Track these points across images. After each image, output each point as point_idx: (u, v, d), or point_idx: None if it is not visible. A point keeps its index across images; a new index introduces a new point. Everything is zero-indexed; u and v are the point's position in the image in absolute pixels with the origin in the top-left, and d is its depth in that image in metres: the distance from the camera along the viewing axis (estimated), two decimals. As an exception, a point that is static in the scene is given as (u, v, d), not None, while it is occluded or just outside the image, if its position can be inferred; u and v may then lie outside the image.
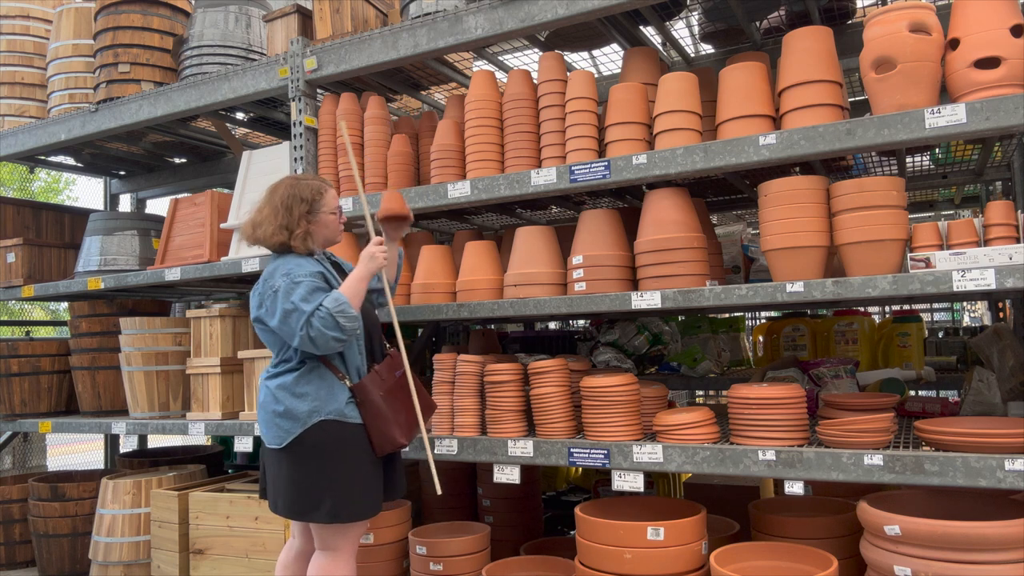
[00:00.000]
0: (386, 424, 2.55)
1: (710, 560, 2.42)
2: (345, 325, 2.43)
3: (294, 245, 2.59)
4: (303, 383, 2.53)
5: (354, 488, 2.50)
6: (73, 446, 7.90)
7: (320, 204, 2.65)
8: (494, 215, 4.32)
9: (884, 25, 2.36)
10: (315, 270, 2.55)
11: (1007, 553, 2.03)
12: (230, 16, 4.06)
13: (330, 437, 2.49)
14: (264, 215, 2.64)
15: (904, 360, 4.16)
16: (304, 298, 2.44)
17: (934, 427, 2.32)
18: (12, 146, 4.57)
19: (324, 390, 2.52)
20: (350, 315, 2.45)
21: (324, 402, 2.51)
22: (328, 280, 2.58)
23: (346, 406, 2.53)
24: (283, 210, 2.60)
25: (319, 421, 2.49)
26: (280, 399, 2.52)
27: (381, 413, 2.55)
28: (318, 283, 2.51)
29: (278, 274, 2.53)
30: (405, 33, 3.17)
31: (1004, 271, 2.18)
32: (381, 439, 2.55)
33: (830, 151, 2.41)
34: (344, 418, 2.52)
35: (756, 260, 3.78)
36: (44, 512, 4.16)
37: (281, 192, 2.64)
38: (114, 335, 4.39)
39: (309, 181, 2.68)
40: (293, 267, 2.53)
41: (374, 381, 2.58)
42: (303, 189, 2.64)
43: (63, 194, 15.00)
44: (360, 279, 2.55)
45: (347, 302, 2.45)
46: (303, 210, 2.61)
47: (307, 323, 2.41)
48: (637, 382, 2.81)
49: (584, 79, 2.91)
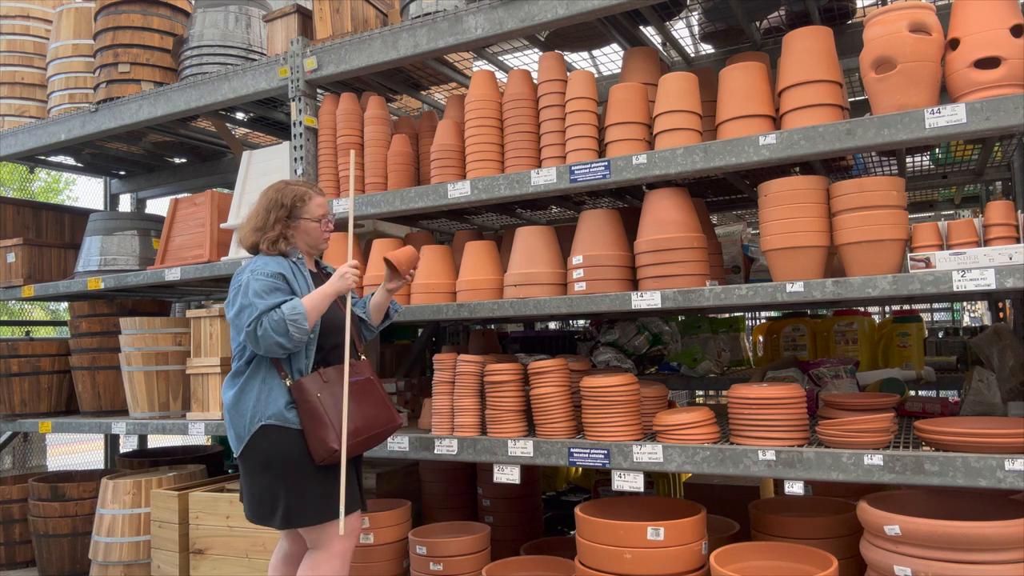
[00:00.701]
0: (320, 427, 2.45)
1: (710, 560, 2.42)
2: (294, 335, 2.40)
3: (261, 248, 2.60)
4: (247, 388, 2.52)
5: (305, 493, 2.46)
6: (73, 446, 7.90)
7: (301, 210, 2.64)
8: (494, 215, 4.32)
9: (884, 25, 2.36)
10: (277, 270, 2.52)
11: (1007, 553, 2.03)
12: (230, 16, 4.06)
13: (272, 443, 2.46)
14: (248, 216, 2.68)
15: (904, 360, 4.16)
16: (260, 295, 2.43)
17: (934, 427, 2.32)
18: (12, 146, 4.57)
19: (264, 393, 2.49)
20: (302, 327, 2.41)
21: (263, 405, 2.47)
22: (289, 282, 2.54)
23: (286, 409, 2.48)
24: (263, 212, 2.62)
25: (260, 427, 2.46)
26: (228, 413, 2.54)
27: (316, 415, 2.45)
28: (278, 283, 2.49)
29: (246, 271, 2.54)
30: (405, 33, 3.17)
31: (1004, 271, 2.18)
32: (315, 444, 2.45)
33: (830, 151, 2.41)
34: (284, 423, 2.47)
35: (756, 260, 3.78)
36: (44, 512, 4.16)
37: (268, 195, 2.66)
38: (114, 335, 4.39)
39: (295, 187, 2.67)
40: (259, 264, 2.54)
41: (313, 382, 2.50)
42: (286, 194, 2.63)
43: (63, 194, 15.00)
44: (326, 296, 2.52)
45: (304, 314, 2.42)
46: (280, 215, 2.61)
47: (257, 320, 2.39)
48: (637, 382, 2.81)
49: (584, 79, 2.91)
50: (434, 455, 3.02)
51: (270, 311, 2.40)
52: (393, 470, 4.07)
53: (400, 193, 3.21)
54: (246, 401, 2.50)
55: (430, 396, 3.21)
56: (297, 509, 2.45)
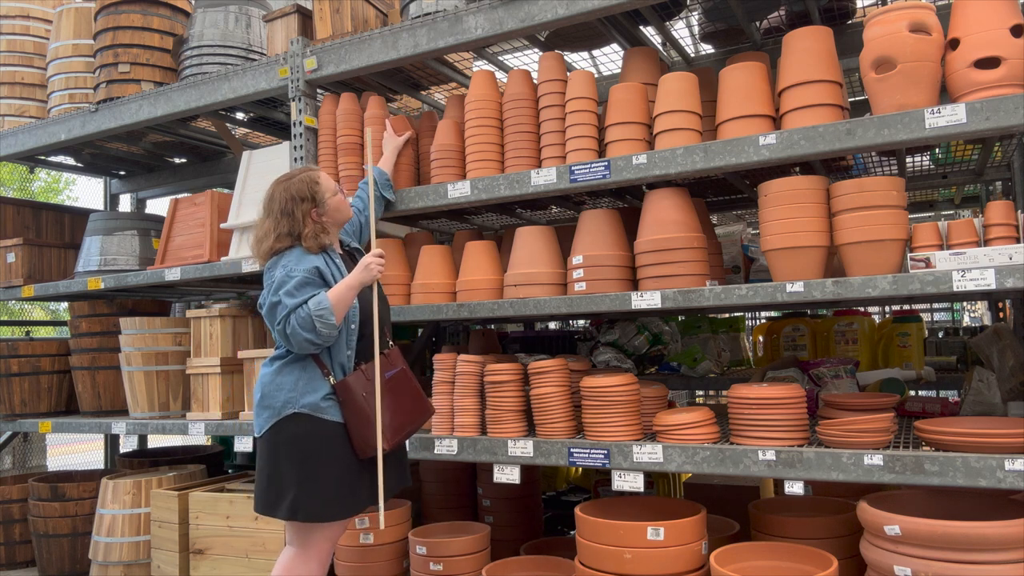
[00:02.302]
0: (366, 426, 2.47)
1: (710, 560, 2.42)
2: (321, 331, 2.39)
3: (306, 246, 2.53)
4: (285, 372, 2.49)
5: (319, 488, 2.43)
6: (73, 446, 7.90)
7: (322, 192, 2.58)
8: (494, 215, 4.32)
9: (884, 25, 2.36)
10: (312, 264, 2.48)
11: (1007, 553, 2.03)
12: (230, 16, 4.06)
13: (301, 431, 2.44)
14: (266, 229, 2.57)
15: (904, 360, 4.16)
16: (290, 292, 2.41)
17: (934, 427, 2.32)
18: (12, 146, 4.57)
19: (303, 382, 2.47)
20: (329, 322, 2.39)
21: (300, 394, 2.45)
22: (324, 276, 2.51)
23: (323, 401, 2.46)
24: (284, 218, 2.54)
25: (292, 413, 2.44)
26: (263, 387, 2.51)
27: (362, 414, 2.47)
28: (311, 278, 2.46)
29: (279, 265, 2.50)
30: (405, 33, 3.17)
31: (1004, 271, 2.18)
32: (361, 442, 2.48)
33: (830, 151, 2.41)
34: (319, 413, 2.46)
35: (756, 260, 3.78)
36: (44, 512, 4.16)
37: (277, 199, 2.57)
38: (114, 335, 4.39)
39: (299, 176, 2.60)
40: (293, 259, 2.49)
41: (358, 380, 2.50)
42: (298, 187, 2.56)
43: (63, 194, 15.00)
44: (350, 288, 2.48)
45: (329, 308, 2.39)
46: (307, 209, 2.54)
47: (286, 319, 2.39)
48: (637, 382, 2.81)
49: (584, 79, 2.91)
50: (434, 455, 3.02)
51: (298, 308, 2.39)
52: (393, 470, 4.07)
53: (400, 193, 3.21)
54: (282, 384, 2.47)
55: (430, 396, 3.22)
56: (304, 502, 2.41)
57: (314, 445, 2.44)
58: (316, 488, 2.42)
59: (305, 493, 2.42)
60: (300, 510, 2.41)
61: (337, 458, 2.47)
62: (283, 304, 2.40)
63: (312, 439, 2.44)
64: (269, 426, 2.47)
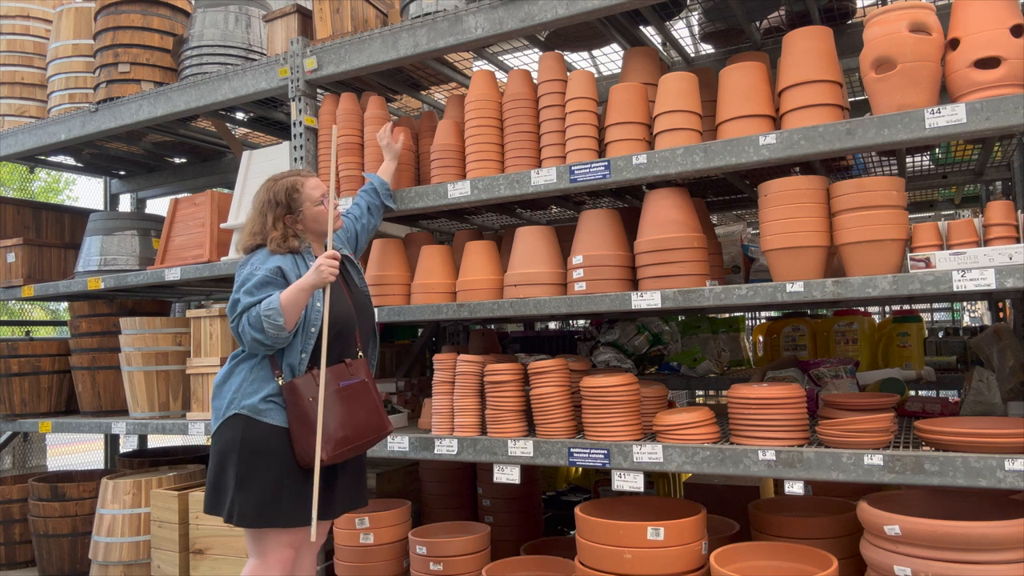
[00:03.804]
0: (308, 433, 2.39)
1: (710, 560, 2.42)
2: (269, 331, 2.35)
3: (271, 249, 2.53)
4: (235, 373, 2.48)
5: (255, 492, 2.36)
6: (73, 446, 7.90)
7: (299, 201, 2.57)
8: (494, 215, 4.32)
9: (884, 25, 2.36)
10: (276, 264, 2.47)
11: (1007, 553, 2.03)
12: (230, 16, 4.06)
13: (240, 433, 2.39)
14: (245, 223, 2.63)
15: (904, 360, 4.16)
16: (249, 291, 2.40)
17: (934, 427, 2.32)
18: (12, 146, 4.57)
19: (248, 383, 2.44)
20: (277, 323, 2.34)
21: (242, 395, 2.42)
22: (287, 277, 2.47)
23: (262, 403, 2.41)
24: (258, 217, 2.57)
25: (233, 415, 2.42)
26: (214, 387, 2.52)
27: (305, 419, 2.39)
28: (272, 278, 2.44)
29: (248, 263, 2.50)
30: (405, 33, 3.17)
31: (1004, 271, 2.18)
32: (300, 448, 2.40)
33: (830, 151, 2.41)
34: (257, 415, 2.40)
35: (756, 260, 3.78)
36: (44, 512, 4.16)
37: (259, 198, 2.60)
38: (114, 335, 4.39)
39: (284, 179, 2.59)
40: (261, 258, 2.49)
41: (307, 384, 2.42)
42: (277, 191, 2.56)
43: (63, 194, 15.01)
44: (301, 290, 2.41)
45: (278, 309, 2.34)
46: (279, 213, 2.55)
47: (239, 317, 2.39)
48: (637, 382, 2.81)
49: (584, 79, 2.91)
50: (434, 455, 3.02)
51: (250, 308, 2.38)
52: (393, 470, 4.07)
53: (400, 193, 3.21)
54: (230, 385, 2.47)
55: (430, 396, 3.21)
56: (240, 506, 2.36)
57: (250, 447, 2.39)
58: (252, 493, 2.36)
59: (241, 497, 2.36)
60: (235, 514, 2.37)
61: (276, 463, 2.40)
62: (240, 302, 2.40)
63: (249, 442, 2.39)
64: (216, 428, 2.47)
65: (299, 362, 2.47)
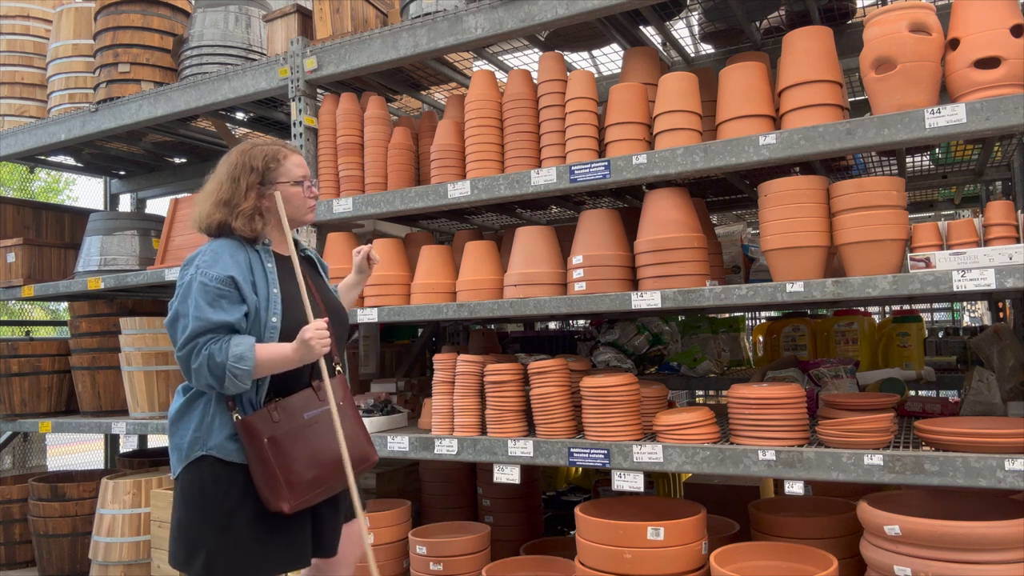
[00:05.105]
0: (269, 482, 2.03)
1: (710, 560, 2.42)
2: (228, 387, 2.00)
3: (235, 226, 2.12)
4: (193, 407, 2.12)
5: (234, 543, 2.04)
6: (73, 446, 7.90)
7: (276, 172, 2.19)
8: (494, 215, 4.32)
9: (884, 25, 2.36)
10: (227, 272, 2.05)
11: (1007, 553, 2.03)
12: (230, 16, 4.06)
13: (210, 476, 2.05)
14: (206, 191, 2.19)
15: (904, 360, 4.16)
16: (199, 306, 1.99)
17: (934, 427, 2.32)
18: (12, 146, 4.57)
19: (208, 418, 2.09)
20: (242, 383, 2.01)
21: (206, 433, 2.07)
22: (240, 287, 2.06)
23: (228, 440, 2.07)
24: (228, 183, 2.15)
25: (200, 456, 2.06)
26: (169, 424, 2.17)
27: (264, 465, 2.03)
28: (225, 291, 2.03)
29: (194, 264, 2.08)
30: (405, 33, 3.17)
31: (1004, 271, 2.18)
32: (264, 495, 2.05)
33: (830, 151, 2.41)
34: (227, 456, 2.06)
35: (756, 260, 3.78)
36: (44, 512, 4.16)
37: (231, 159, 2.20)
38: (114, 335, 4.39)
39: (264, 146, 2.22)
40: (210, 259, 2.07)
41: (263, 421, 2.04)
42: (255, 156, 2.18)
43: (63, 194, 15.01)
44: (286, 360, 2.07)
45: (250, 370, 1.99)
46: (252, 180, 2.15)
47: (192, 345, 1.99)
48: (637, 382, 2.81)
49: (584, 79, 2.91)
50: (434, 455, 3.02)
51: (212, 341, 1.98)
52: (393, 470, 4.07)
53: (400, 193, 3.21)
54: (189, 421, 2.11)
55: (430, 396, 3.21)
56: (219, 559, 2.02)
57: (222, 491, 2.05)
58: (231, 543, 2.04)
59: (218, 548, 2.03)
60: (216, 569, 2.03)
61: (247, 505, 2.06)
62: (189, 321, 2.00)
63: (219, 484, 2.05)
64: (178, 472, 2.10)
65: (257, 392, 2.11)
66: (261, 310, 2.10)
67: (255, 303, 2.09)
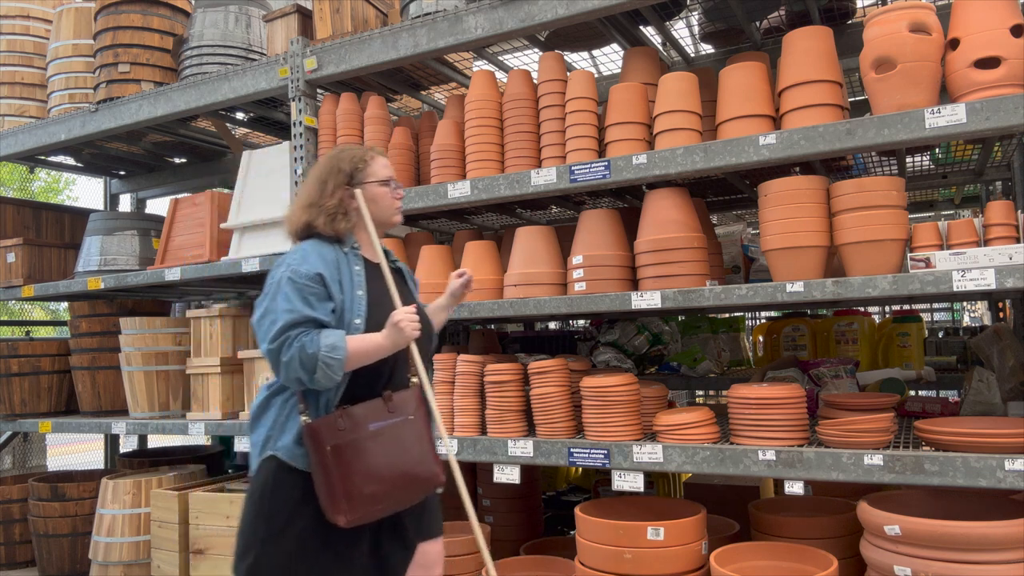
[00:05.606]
0: (329, 492, 1.95)
1: (710, 560, 2.42)
2: (319, 379, 1.95)
3: (319, 224, 2.12)
4: (269, 405, 2.11)
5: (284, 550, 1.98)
6: (73, 446, 7.90)
7: (363, 173, 2.19)
8: (494, 215, 4.32)
9: (884, 25, 2.36)
10: (316, 270, 2.03)
11: (1007, 553, 2.03)
12: (230, 16, 4.06)
13: (273, 481, 2.02)
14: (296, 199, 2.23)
15: (904, 360, 4.16)
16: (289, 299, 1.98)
17: (934, 427, 2.32)
18: (12, 146, 4.57)
19: (282, 417, 2.06)
20: (334, 374, 1.96)
21: (278, 432, 2.05)
22: (327, 285, 2.04)
23: (294, 444, 2.03)
24: (316, 186, 2.18)
25: (269, 456, 2.04)
26: (251, 419, 2.16)
27: (325, 473, 1.95)
28: (314, 287, 2.02)
29: (284, 263, 2.07)
30: (405, 33, 3.17)
31: (1004, 271, 2.18)
32: (323, 505, 1.98)
33: (830, 151, 2.41)
34: (291, 459, 2.02)
35: (756, 260, 3.78)
36: (44, 512, 4.16)
37: (320, 165, 2.24)
38: (114, 335, 4.39)
39: (351, 150, 2.24)
40: (299, 258, 2.06)
41: (328, 428, 1.96)
42: (342, 158, 2.20)
43: (63, 194, 15.01)
44: (379, 349, 2.03)
45: (342, 361, 1.95)
46: (340, 181, 2.16)
47: (284, 339, 1.95)
48: (637, 382, 2.81)
49: (584, 79, 2.91)
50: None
51: (302, 334, 1.95)
52: (393, 470, 4.06)
53: (400, 193, 3.21)
54: (265, 419, 2.10)
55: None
56: (266, 565, 1.98)
57: (283, 497, 2.01)
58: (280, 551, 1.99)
59: (268, 556, 1.98)
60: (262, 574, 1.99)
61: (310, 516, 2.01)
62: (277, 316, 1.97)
63: (281, 490, 2.01)
64: (254, 468, 2.09)
65: (333, 396, 2.06)
66: (346, 310, 2.08)
67: (341, 302, 2.07)
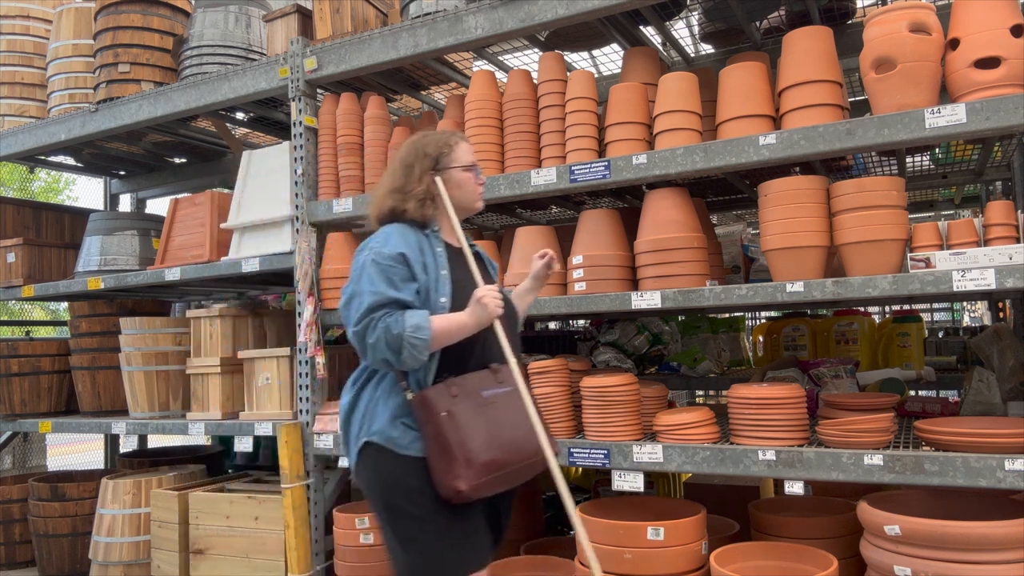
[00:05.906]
0: (444, 459, 1.90)
1: (710, 560, 2.42)
2: (406, 359, 1.92)
3: (408, 209, 2.10)
4: (358, 399, 2.07)
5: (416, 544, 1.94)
6: (73, 446, 7.89)
7: (449, 158, 2.16)
8: (494, 215, 4.32)
9: (884, 25, 2.36)
10: (398, 250, 2.00)
11: (1007, 553, 2.03)
12: (230, 16, 4.06)
13: (373, 469, 1.98)
14: (379, 185, 2.22)
15: (904, 360, 4.16)
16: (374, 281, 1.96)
17: (934, 427, 2.32)
18: (12, 146, 4.57)
19: (372, 403, 2.03)
20: (420, 355, 1.92)
21: (370, 418, 2.01)
22: (411, 264, 2.01)
23: (391, 426, 1.98)
24: (402, 170, 2.15)
25: (365, 442, 2.00)
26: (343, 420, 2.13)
27: (441, 441, 1.90)
28: (397, 267, 1.99)
29: (367, 247, 2.05)
30: (405, 33, 3.17)
31: (1004, 271, 2.18)
32: (439, 480, 1.91)
33: (830, 151, 2.41)
34: (388, 442, 1.97)
35: (756, 260, 3.78)
36: (44, 512, 4.16)
37: (404, 150, 2.20)
38: (114, 335, 4.39)
39: (434, 135, 2.21)
40: (382, 240, 2.04)
41: (440, 395, 1.93)
42: (426, 144, 2.17)
43: (63, 194, 15.01)
44: (463, 327, 1.99)
45: (428, 340, 1.91)
46: (427, 166, 2.14)
47: (368, 320, 1.93)
48: (637, 382, 2.81)
49: (584, 79, 2.91)
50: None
51: (387, 315, 1.92)
52: (393, 470, 4.06)
53: (400, 193, 3.20)
54: (356, 411, 2.07)
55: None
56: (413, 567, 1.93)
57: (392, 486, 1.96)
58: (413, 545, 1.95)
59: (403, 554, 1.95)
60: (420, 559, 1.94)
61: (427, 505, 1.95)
62: (365, 302, 1.94)
63: (385, 478, 1.97)
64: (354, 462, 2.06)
65: (426, 374, 2.02)
66: (431, 290, 2.05)
67: (425, 282, 2.04)
